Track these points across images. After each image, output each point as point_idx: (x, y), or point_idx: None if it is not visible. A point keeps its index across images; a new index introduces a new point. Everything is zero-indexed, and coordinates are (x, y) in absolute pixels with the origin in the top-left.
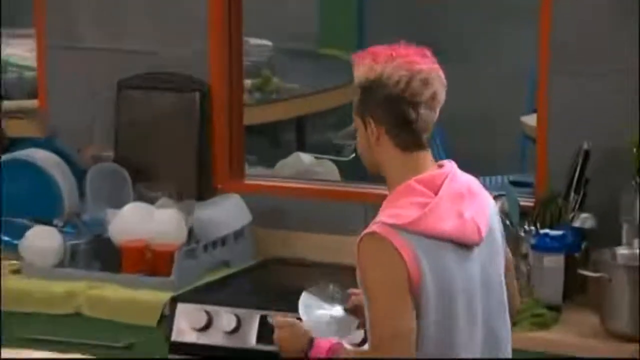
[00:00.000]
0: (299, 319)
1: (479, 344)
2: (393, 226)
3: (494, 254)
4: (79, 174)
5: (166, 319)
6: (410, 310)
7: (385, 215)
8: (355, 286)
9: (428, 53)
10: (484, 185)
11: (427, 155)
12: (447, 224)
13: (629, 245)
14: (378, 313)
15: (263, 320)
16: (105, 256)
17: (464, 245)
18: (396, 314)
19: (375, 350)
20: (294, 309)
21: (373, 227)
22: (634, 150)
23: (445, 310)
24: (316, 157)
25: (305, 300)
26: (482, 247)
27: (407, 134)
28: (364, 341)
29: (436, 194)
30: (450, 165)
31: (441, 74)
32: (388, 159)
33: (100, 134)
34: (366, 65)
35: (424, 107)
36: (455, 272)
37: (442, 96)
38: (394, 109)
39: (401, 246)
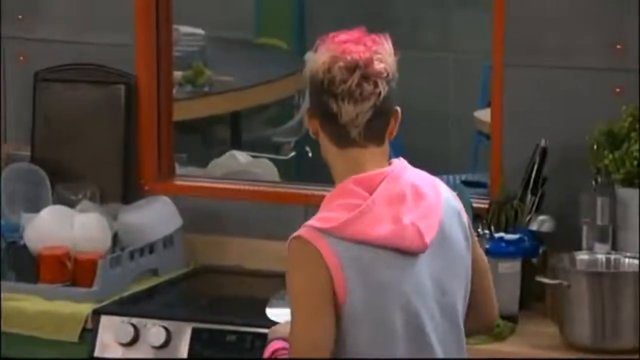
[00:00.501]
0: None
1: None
2: (319, 230)
3: (453, 262)
4: None
5: (88, 334)
6: (330, 322)
7: (316, 217)
8: None
9: (373, 39)
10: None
11: (369, 152)
12: (381, 229)
13: (589, 249)
14: (295, 321)
15: (195, 334)
16: (21, 265)
17: (406, 253)
18: (313, 324)
19: None
20: (229, 321)
21: (301, 230)
22: (594, 147)
23: (379, 324)
24: (253, 156)
25: (276, 317)
26: (433, 254)
27: (335, 128)
28: None
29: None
30: (397, 164)
31: (377, 64)
32: (329, 157)
33: (15, 131)
34: None
35: (347, 98)
36: (393, 282)
37: (372, 88)
38: (317, 100)
39: (325, 252)
